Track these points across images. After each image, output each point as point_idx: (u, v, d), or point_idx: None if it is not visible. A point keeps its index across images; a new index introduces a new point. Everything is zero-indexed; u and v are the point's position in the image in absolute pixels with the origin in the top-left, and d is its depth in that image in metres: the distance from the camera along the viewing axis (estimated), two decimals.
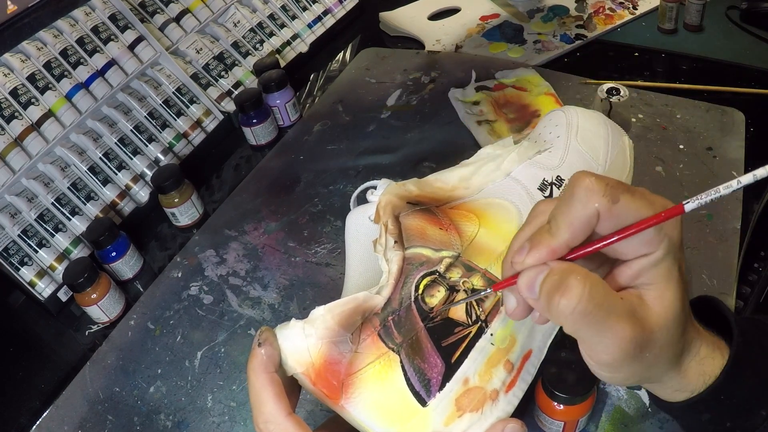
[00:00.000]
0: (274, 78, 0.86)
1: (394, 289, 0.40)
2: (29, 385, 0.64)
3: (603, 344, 0.32)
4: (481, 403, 0.38)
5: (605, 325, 0.31)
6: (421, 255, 0.42)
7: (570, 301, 0.30)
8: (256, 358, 0.35)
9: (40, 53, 0.76)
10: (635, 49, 0.92)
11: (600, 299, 0.31)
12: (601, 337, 0.32)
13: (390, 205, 0.45)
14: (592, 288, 0.31)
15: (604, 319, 0.31)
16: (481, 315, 0.40)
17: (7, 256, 0.68)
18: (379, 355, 0.37)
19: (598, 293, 0.31)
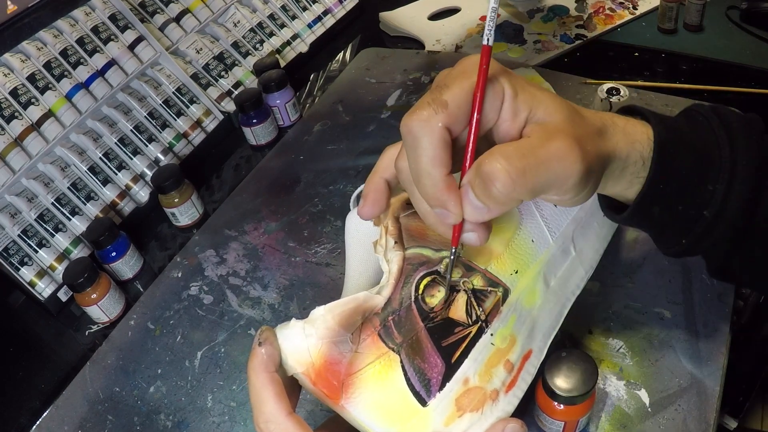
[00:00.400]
0: (274, 78, 0.86)
1: (395, 289, 0.40)
2: (29, 385, 0.64)
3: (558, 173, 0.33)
4: (481, 403, 0.38)
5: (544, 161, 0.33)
6: (421, 255, 0.42)
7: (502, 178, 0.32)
8: (257, 358, 0.35)
9: (40, 53, 0.76)
10: (635, 49, 0.92)
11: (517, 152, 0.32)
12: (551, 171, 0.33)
13: (390, 206, 0.45)
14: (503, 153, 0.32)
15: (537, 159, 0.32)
16: (482, 315, 0.40)
17: (7, 256, 0.68)
18: (379, 355, 0.37)
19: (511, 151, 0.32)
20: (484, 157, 0.33)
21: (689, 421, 0.48)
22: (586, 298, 0.45)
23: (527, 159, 0.32)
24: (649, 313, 0.55)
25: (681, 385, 0.50)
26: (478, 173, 0.33)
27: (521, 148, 0.33)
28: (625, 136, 0.38)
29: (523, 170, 0.32)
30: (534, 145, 0.33)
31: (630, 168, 0.38)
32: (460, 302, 0.40)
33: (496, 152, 0.32)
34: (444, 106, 0.33)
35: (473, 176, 0.33)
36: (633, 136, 0.38)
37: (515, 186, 0.32)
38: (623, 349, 0.53)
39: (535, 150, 0.33)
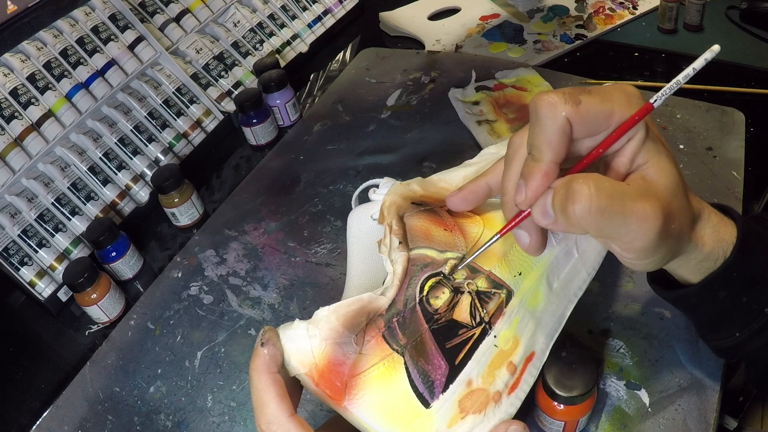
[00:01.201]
0: (274, 78, 0.86)
1: (399, 290, 0.40)
2: (29, 385, 0.64)
3: (632, 231, 0.33)
4: (484, 404, 0.38)
5: (626, 212, 0.33)
6: (426, 256, 0.42)
7: (583, 204, 0.32)
8: (259, 358, 0.35)
9: (40, 53, 0.76)
10: (635, 49, 0.92)
11: (609, 191, 0.32)
12: (627, 225, 0.33)
13: (394, 205, 0.45)
14: (597, 183, 0.32)
15: (622, 208, 0.33)
16: (485, 317, 0.40)
17: (7, 256, 0.68)
18: (383, 356, 0.37)
19: (605, 186, 0.32)
20: (579, 175, 0.33)
21: (689, 421, 0.48)
22: (586, 298, 0.45)
23: (614, 202, 0.32)
24: (649, 313, 0.55)
25: (681, 385, 0.50)
26: (566, 185, 0.33)
27: (615, 189, 0.33)
28: (715, 233, 0.39)
29: (605, 209, 0.32)
30: (626, 194, 0.33)
31: (707, 262, 0.40)
32: (464, 304, 0.40)
33: (591, 178, 0.33)
34: (576, 103, 0.33)
35: (561, 185, 0.33)
36: (722, 235, 0.40)
37: (589, 218, 0.32)
38: (623, 349, 0.53)
39: (626, 199, 0.33)
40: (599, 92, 0.34)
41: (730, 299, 0.41)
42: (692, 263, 0.40)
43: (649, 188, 0.34)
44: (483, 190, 0.42)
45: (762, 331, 0.41)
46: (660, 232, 0.34)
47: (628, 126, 0.33)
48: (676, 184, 0.35)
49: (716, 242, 0.39)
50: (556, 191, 0.33)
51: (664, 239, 0.35)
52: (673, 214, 0.35)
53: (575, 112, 0.33)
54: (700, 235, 0.39)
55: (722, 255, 0.40)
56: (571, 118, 0.33)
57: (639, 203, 0.33)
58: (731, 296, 0.41)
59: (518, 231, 0.37)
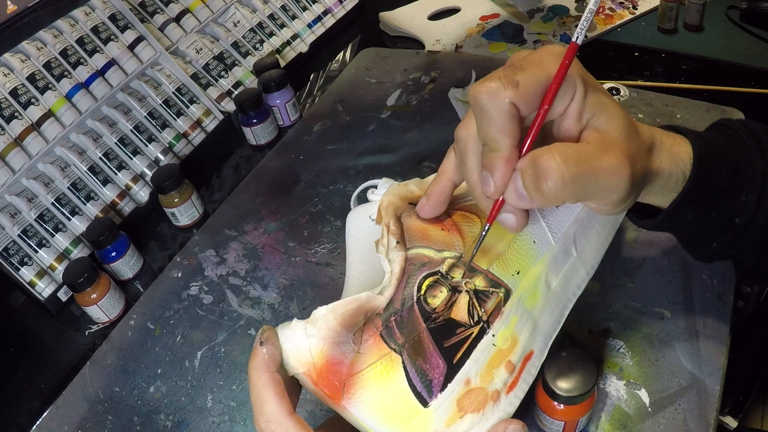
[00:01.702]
0: (274, 78, 0.86)
1: (397, 289, 0.40)
2: (29, 385, 0.64)
3: (606, 187, 0.34)
4: (482, 404, 0.38)
5: (596, 171, 0.33)
6: (424, 255, 0.42)
7: (555, 178, 0.32)
8: (258, 357, 0.35)
9: (40, 53, 0.76)
10: (635, 49, 0.92)
11: (575, 156, 0.33)
12: (600, 183, 0.34)
13: (392, 205, 0.45)
14: (562, 154, 0.33)
15: (591, 168, 0.33)
16: (483, 315, 0.40)
17: (7, 256, 0.68)
18: (381, 355, 0.37)
19: (570, 154, 0.33)
20: (542, 151, 0.33)
21: (689, 421, 0.48)
22: (586, 298, 0.45)
23: (582, 166, 0.33)
24: (649, 313, 0.55)
25: (681, 385, 0.50)
26: (532, 164, 0.33)
27: (579, 153, 0.33)
28: (670, 155, 0.39)
29: (576, 176, 0.33)
30: (591, 154, 0.34)
31: (670, 185, 0.40)
32: (462, 303, 0.40)
33: (555, 150, 0.33)
34: (515, 85, 0.33)
35: (527, 165, 0.33)
36: (678, 155, 0.40)
37: (564, 188, 0.33)
38: (623, 349, 0.53)
39: (591, 159, 0.33)
40: (532, 64, 0.34)
41: (699, 218, 0.42)
42: (656, 190, 0.40)
43: (606, 139, 0.35)
44: (448, 188, 0.42)
45: (736, 239, 0.42)
46: (630, 178, 0.34)
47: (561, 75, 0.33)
48: (628, 126, 0.36)
49: (673, 164, 0.39)
50: (524, 172, 0.33)
51: (635, 183, 0.35)
52: (635, 156, 0.35)
53: (517, 94, 0.33)
54: (657, 163, 0.39)
55: (682, 175, 0.40)
56: (515, 101, 0.33)
57: (605, 158, 0.34)
58: (699, 215, 0.42)
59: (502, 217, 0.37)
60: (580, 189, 0.33)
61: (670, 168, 0.39)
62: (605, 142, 0.35)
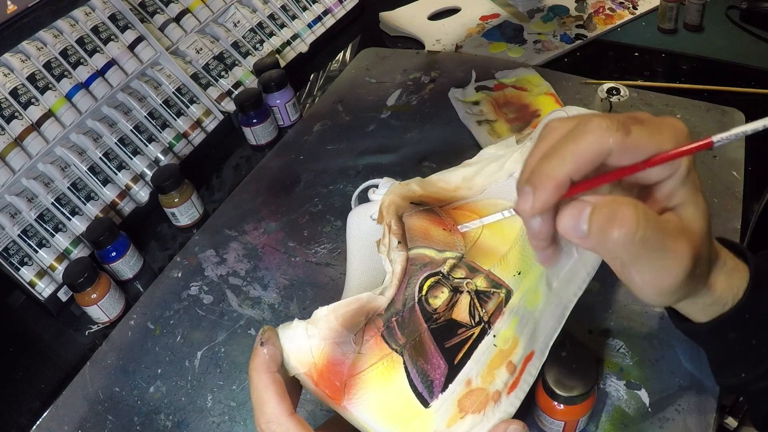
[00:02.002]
0: (274, 78, 0.86)
1: (398, 289, 0.40)
2: (29, 385, 0.64)
3: (665, 268, 0.32)
4: (483, 404, 0.38)
5: (665, 248, 0.32)
6: (425, 256, 0.42)
7: (629, 230, 0.30)
8: (259, 358, 0.35)
9: (40, 53, 0.76)
10: (635, 49, 0.92)
11: (655, 222, 0.31)
12: (663, 261, 0.32)
13: (393, 205, 0.45)
14: (646, 213, 0.31)
15: (662, 243, 0.32)
16: (484, 316, 0.40)
17: (7, 256, 0.68)
18: (382, 356, 0.37)
19: (652, 218, 0.31)
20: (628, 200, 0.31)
21: (689, 421, 0.48)
22: (586, 298, 0.45)
23: (658, 234, 0.31)
24: (649, 313, 0.55)
25: (681, 385, 0.50)
26: (611, 205, 0.31)
27: (659, 221, 0.32)
28: (727, 278, 0.39)
29: (647, 240, 0.31)
30: (669, 230, 0.32)
31: (715, 306, 0.40)
32: (464, 303, 0.40)
33: (640, 206, 0.31)
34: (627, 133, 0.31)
35: (604, 204, 0.31)
36: (734, 281, 0.40)
37: (630, 245, 0.31)
38: (623, 349, 0.53)
39: (667, 234, 0.32)
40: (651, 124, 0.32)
41: (740, 341, 0.41)
42: (700, 305, 0.40)
43: (686, 228, 0.33)
44: None
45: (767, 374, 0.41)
46: (689, 273, 0.33)
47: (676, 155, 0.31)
48: (708, 230, 0.35)
49: (727, 288, 0.39)
50: (598, 209, 0.31)
51: (689, 281, 0.34)
52: (702, 259, 0.34)
53: (623, 141, 0.31)
54: (713, 281, 0.39)
55: (731, 300, 0.40)
56: (615, 147, 0.31)
57: (679, 241, 0.32)
58: (741, 338, 0.41)
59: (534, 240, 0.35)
60: (641, 254, 0.31)
61: (722, 289, 0.39)
62: (684, 229, 0.33)
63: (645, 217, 0.31)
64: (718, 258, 0.39)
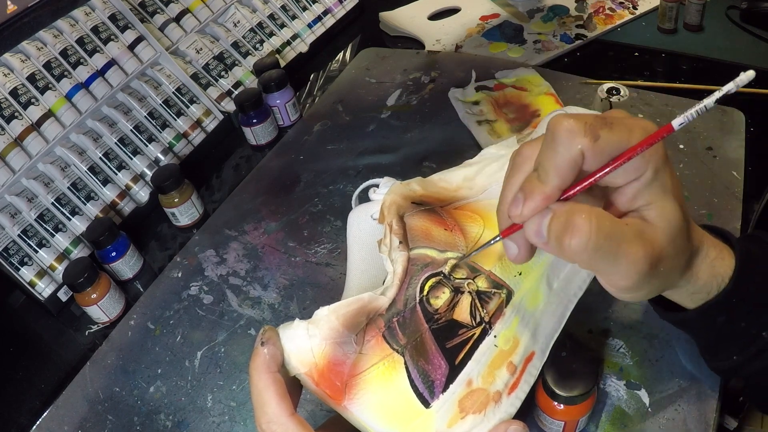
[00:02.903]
0: (274, 78, 0.86)
1: (399, 290, 0.40)
2: (29, 385, 0.64)
3: (619, 271, 0.33)
4: (483, 404, 0.38)
5: (618, 253, 0.33)
6: (426, 256, 0.42)
7: (581, 240, 0.32)
8: (259, 358, 0.35)
9: (40, 53, 0.76)
10: (635, 49, 0.92)
11: (608, 230, 0.32)
12: (616, 266, 0.33)
13: (394, 204, 0.45)
14: (599, 222, 0.32)
15: (616, 248, 0.33)
16: (485, 317, 0.40)
17: (7, 256, 0.68)
18: (383, 356, 0.37)
19: (605, 226, 0.32)
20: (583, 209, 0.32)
21: (689, 421, 0.48)
22: (587, 298, 0.45)
23: (610, 242, 0.32)
24: (649, 312, 0.55)
25: (681, 385, 0.50)
26: (568, 215, 0.32)
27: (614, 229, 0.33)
28: (711, 268, 0.40)
29: (599, 248, 0.32)
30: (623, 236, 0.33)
31: (699, 294, 0.40)
32: (465, 304, 0.40)
33: (594, 214, 0.32)
34: (594, 138, 0.32)
35: (562, 213, 0.33)
36: (718, 270, 0.40)
37: (583, 253, 0.32)
38: (623, 349, 0.53)
39: (621, 240, 0.33)
40: (621, 127, 0.33)
41: (729, 324, 0.42)
42: (685, 294, 0.41)
43: (646, 231, 0.34)
44: None
45: (759, 355, 0.41)
46: (645, 274, 0.34)
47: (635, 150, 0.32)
48: (677, 229, 0.35)
49: (711, 276, 0.40)
50: (555, 217, 0.33)
51: (649, 280, 0.34)
52: (665, 258, 0.35)
53: (591, 146, 0.32)
54: (695, 271, 0.39)
55: (716, 287, 0.40)
56: (585, 151, 0.32)
57: (632, 246, 0.33)
58: (730, 321, 0.41)
59: (507, 241, 0.37)
60: (595, 260, 0.33)
61: (705, 279, 0.39)
62: (643, 232, 0.34)
63: (597, 226, 0.32)
64: (701, 248, 0.39)
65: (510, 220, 0.36)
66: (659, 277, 0.35)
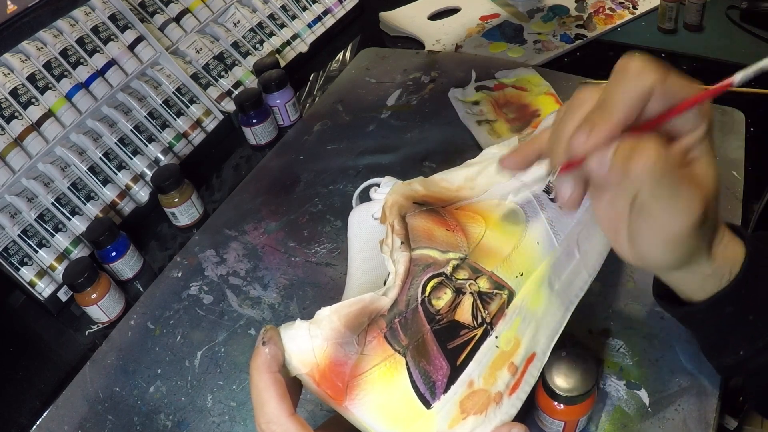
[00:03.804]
0: (274, 78, 0.86)
1: (401, 290, 0.40)
2: (29, 385, 0.64)
3: (678, 211, 0.33)
4: (485, 405, 0.38)
5: (680, 189, 0.33)
6: (428, 256, 0.42)
7: (649, 161, 0.31)
8: (260, 357, 0.34)
9: (40, 53, 0.76)
10: (635, 48, 0.92)
11: (675, 160, 0.32)
12: (676, 201, 0.33)
13: (396, 205, 0.45)
14: (668, 150, 0.32)
15: (679, 183, 0.32)
16: (487, 317, 0.40)
17: (7, 256, 0.68)
18: (385, 357, 0.37)
19: (674, 156, 0.32)
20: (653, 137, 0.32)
21: (689, 421, 0.48)
22: (587, 298, 0.45)
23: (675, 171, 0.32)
24: (649, 312, 0.55)
25: (681, 385, 0.50)
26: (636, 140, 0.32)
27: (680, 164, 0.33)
28: (724, 250, 0.40)
29: (665, 174, 0.32)
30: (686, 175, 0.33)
31: (712, 279, 0.40)
32: (466, 304, 0.40)
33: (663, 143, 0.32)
34: (663, 78, 0.32)
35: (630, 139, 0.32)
36: (729, 253, 0.40)
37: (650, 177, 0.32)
38: (623, 349, 0.53)
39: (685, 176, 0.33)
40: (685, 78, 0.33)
41: (737, 316, 0.41)
42: (698, 278, 0.40)
43: (700, 179, 0.34)
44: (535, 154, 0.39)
45: (766, 349, 0.41)
46: (699, 223, 0.34)
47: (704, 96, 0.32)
48: (718, 190, 0.35)
49: (724, 259, 0.40)
50: (623, 143, 0.32)
51: (695, 234, 0.35)
52: (711, 212, 0.35)
53: (661, 84, 0.32)
54: (714, 250, 0.39)
55: (727, 273, 0.40)
56: (655, 88, 0.32)
57: (693, 185, 0.33)
58: (738, 313, 0.41)
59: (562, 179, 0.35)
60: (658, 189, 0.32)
61: (720, 260, 0.39)
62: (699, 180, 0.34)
63: (668, 152, 0.32)
64: (719, 228, 0.39)
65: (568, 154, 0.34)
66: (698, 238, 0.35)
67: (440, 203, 0.47)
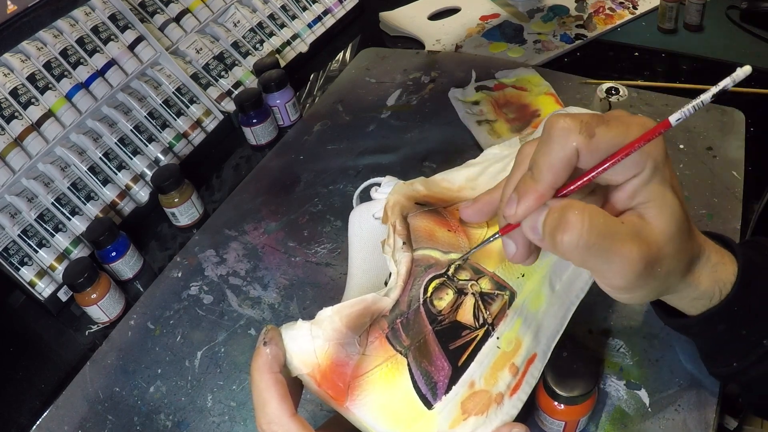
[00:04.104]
0: (274, 78, 0.86)
1: (403, 291, 0.40)
2: (29, 385, 0.64)
3: (613, 270, 0.33)
4: (486, 406, 0.38)
5: (611, 252, 0.32)
6: (430, 257, 0.42)
7: (572, 237, 0.32)
8: (261, 357, 0.34)
9: (40, 53, 0.75)
10: (635, 48, 0.92)
11: (601, 228, 0.32)
12: (610, 264, 0.33)
13: (398, 205, 0.45)
14: (592, 219, 0.32)
15: (609, 247, 0.32)
16: (488, 318, 0.40)
17: (7, 256, 0.68)
18: (386, 357, 0.37)
19: (598, 223, 0.32)
20: (577, 206, 0.32)
21: (689, 421, 0.48)
22: (587, 298, 0.45)
23: (603, 240, 0.32)
24: (650, 313, 0.55)
25: (681, 386, 0.50)
26: (561, 211, 0.32)
27: (608, 227, 0.32)
28: (712, 273, 0.39)
29: (591, 246, 0.32)
30: (618, 234, 0.32)
31: (701, 300, 0.40)
32: (468, 305, 0.40)
33: (588, 212, 0.32)
34: (590, 135, 0.32)
35: (557, 209, 0.32)
36: (720, 275, 0.40)
37: (575, 250, 0.32)
38: (623, 349, 0.53)
39: (615, 239, 0.32)
40: (618, 124, 0.32)
41: (730, 332, 0.41)
42: (685, 300, 0.40)
43: (643, 230, 0.34)
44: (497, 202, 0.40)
45: (760, 362, 0.41)
46: (641, 275, 0.33)
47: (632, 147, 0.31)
48: (676, 228, 0.34)
49: (712, 282, 0.39)
50: (550, 213, 0.33)
51: (646, 281, 0.34)
52: (662, 259, 0.34)
53: (587, 144, 0.32)
54: (696, 276, 0.39)
55: (718, 293, 0.40)
56: (580, 149, 0.32)
57: (626, 245, 0.32)
58: (730, 329, 0.41)
59: (505, 239, 0.37)
60: (588, 258, 0.32)
61: (707, 285, 0.39)
62: (640, 231, 0.33)
63: (590, 223, 0.31)
64: (702, 253, 0.39)
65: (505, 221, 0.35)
66: (657, 279, 0.35)
67: (442, 203, 0.47)
